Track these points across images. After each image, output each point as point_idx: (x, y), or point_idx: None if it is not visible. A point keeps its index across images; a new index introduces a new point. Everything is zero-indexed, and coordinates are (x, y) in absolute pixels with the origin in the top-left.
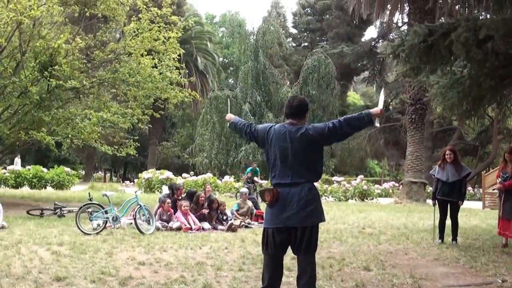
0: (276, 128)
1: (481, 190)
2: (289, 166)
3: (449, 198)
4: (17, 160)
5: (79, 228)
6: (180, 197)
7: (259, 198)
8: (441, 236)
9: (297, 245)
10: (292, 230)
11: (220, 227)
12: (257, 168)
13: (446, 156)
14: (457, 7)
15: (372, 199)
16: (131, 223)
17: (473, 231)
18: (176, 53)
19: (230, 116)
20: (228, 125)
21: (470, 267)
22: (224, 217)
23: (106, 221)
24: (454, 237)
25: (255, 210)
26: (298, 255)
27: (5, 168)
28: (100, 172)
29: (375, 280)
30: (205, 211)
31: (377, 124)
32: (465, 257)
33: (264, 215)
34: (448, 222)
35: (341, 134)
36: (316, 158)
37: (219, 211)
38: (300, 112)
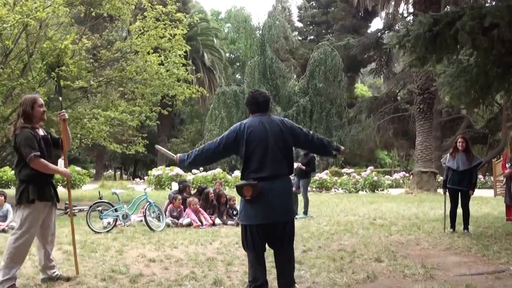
0: (248, 123)
1: (492, 178)
2: (269, 158)
3: (460, 187)
4: (61, 161)
5: (89, 227)
6: (188, 196)
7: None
8: (453, 225)
9: (279, 239)
10: (277, 225)
11: (230, 222)
12: None
13: (458, 144)
14: None
15: (383, 190)
16: (141, 221)
17: (485, 219)
18: (183, 50)
19: (177, 156)
20: (180, 165)
21: (482, 256)
22: (234, 212)
23: (116, 219)
24: (466, 226)
25: None
26: (280, 249)
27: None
28: (110, 171)
29: (386, 271)
30: (218, 221)
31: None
32: (477, 245)
33: (241, 211)
34: (459, 211)
35: (309, 145)
36: (291, 150)
37: (228, 206)
38: (268, 105)
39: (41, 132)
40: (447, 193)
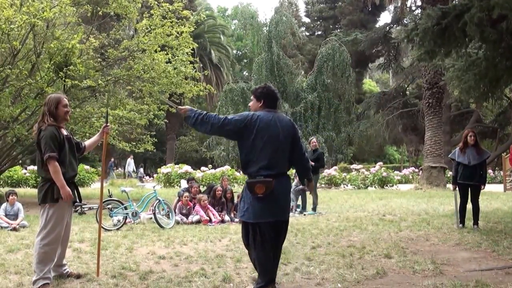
0: (261, 115)
1: (501, 173)
2: (279, 156)
3: (471, 181)
4: (130, 160)
5: None
6: (196, 195)
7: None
8: (462, 221)
9: (279, 237)
10: (279, 223)
11: (236, 219)
12: None
13: (468, 139)
14: None
15: (392, 185)
16: (151, 218)
17: (495, 214)
18: (190, 47)
19: (185, 108)
20: (183, 118)
21: (492, 251)
22: None
23: (126, 217)
24: (475, 221)
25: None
26: (276, 247)
27: (25, 168)
28: (119, 169)
29: (396, 267)
30: (226, 218)
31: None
32: (487, 241)
33: (246, 209)
34: (469, 206)
35: (297, 159)
36: (292, 150)
37: (235, 202)
38: (278, 101)
39: (64, 132)
40: (457, 189)
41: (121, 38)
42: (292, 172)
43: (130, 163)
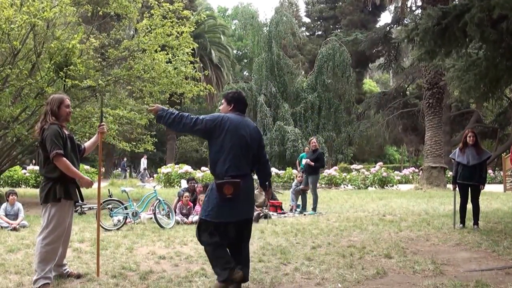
0: (231, 117)
1: (501, 173)
2: (246, 157)
3: (470, 182)
4: (144, 160)
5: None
6: (200, 194)
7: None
8: (463, 221)
9: (243, 235)
10: (244, 222)
11: None
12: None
13: (467, 139)
14: None
15: (392, 186)
16: (151, 218)
17: (495, 214)
18: (190, 47)
19: (156, 107)
20: (155, 118)
21: (492, 251)
22: None
23: (126, 217)
24: (476, 221)
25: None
26: (239, 245)
27: (24, 168)
28: (119, 169)
29: (396, 267)
30: None
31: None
32: (487, 241)
33: (213, 208)
34: (469, 206)
35: (258, 163)
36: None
37: None
38: (247, 107)
39: (66, 131)
40: (457, 189)
41: (121, 38)
42: (290, 172)
43: (144, 163)
